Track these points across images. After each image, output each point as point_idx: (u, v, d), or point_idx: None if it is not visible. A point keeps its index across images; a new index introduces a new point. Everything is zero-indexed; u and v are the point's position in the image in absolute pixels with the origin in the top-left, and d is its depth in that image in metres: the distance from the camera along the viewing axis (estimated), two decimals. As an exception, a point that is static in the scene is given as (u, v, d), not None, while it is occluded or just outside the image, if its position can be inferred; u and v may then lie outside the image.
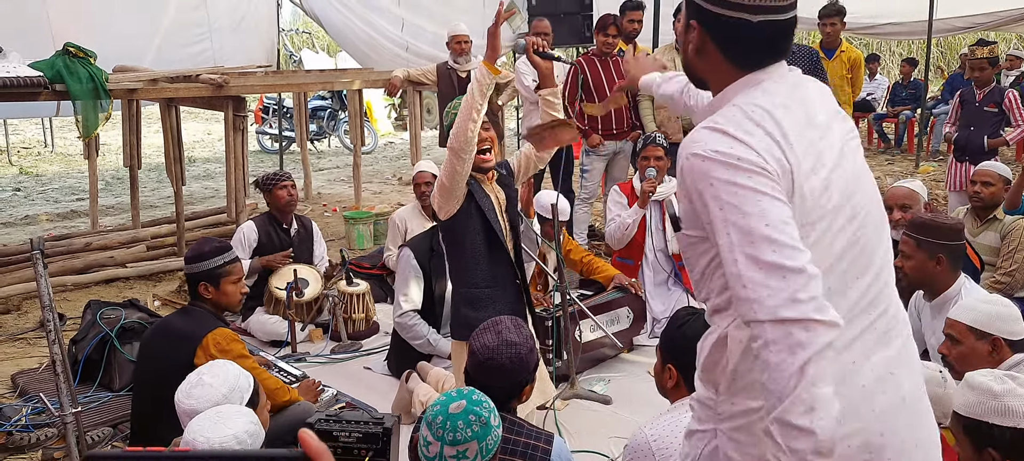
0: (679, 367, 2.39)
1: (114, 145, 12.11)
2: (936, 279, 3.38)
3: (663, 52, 6.32)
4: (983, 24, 12.55)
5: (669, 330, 2.47)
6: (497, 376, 2.47)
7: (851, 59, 6.70)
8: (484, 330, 2.55)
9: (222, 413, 2.28)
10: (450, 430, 2.04)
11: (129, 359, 4.13)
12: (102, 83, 5.35)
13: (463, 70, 6.94)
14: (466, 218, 3.23)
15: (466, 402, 2.08)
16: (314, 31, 16.47)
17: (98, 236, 6.83)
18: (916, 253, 3.38)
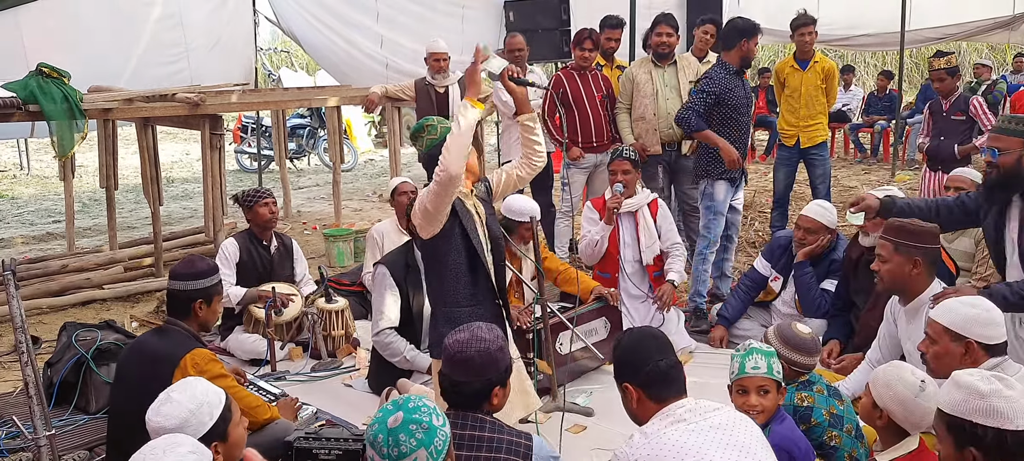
0: (633, 381, 2.39)
1: (90, 166, 12.02)
2: (912, 283, 3.41)
3: (639, 65, 6.37)
4: (954, 35, 12.77)
5: (613, 355, 2.50)
6: (466, 370, 2.45)
7: (825, 69, 6.75)
8: (459, 330, 2.58)
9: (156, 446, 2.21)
10: (393, 445, 2.00)
11: (105, 381, 4.08)
12: (76, 103, 5.30)
13: (441, 86, 6.97)
14: (449, 237, 3.22)
15: (403, 413, 2.04)
16: (292, 49, 16.44)
17: (74, 258, 6.75)
18: (893, 257, 3.41)
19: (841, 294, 4.56)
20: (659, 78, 6.20)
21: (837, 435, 2.97)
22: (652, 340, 2.42)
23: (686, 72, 6.27)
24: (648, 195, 5.15)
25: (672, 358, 2.40)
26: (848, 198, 8.50)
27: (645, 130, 6.23)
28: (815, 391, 3.06)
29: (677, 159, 6.37)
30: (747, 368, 2.80)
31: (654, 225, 5.05)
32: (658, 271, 5.07)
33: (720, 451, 2.19)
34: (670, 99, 6.19)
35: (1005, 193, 3.47)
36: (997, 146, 3.43)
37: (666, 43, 6.14)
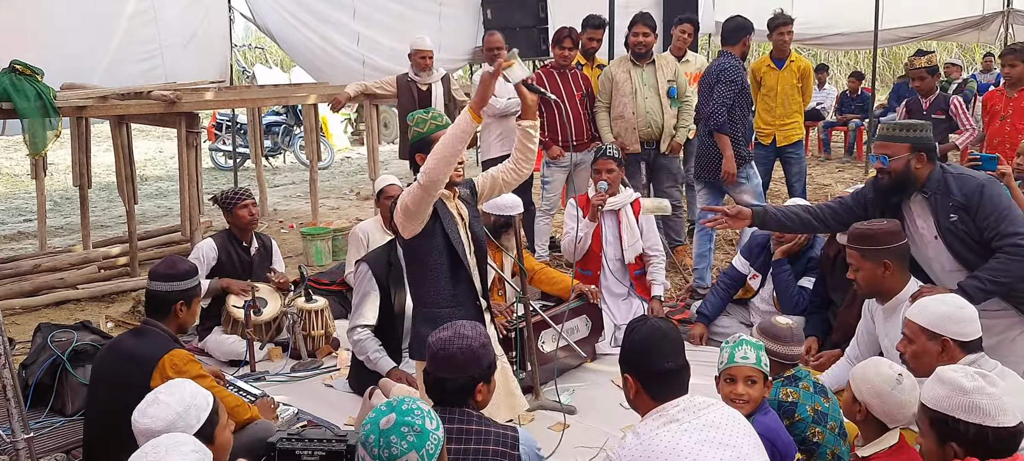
0: (635, 374, 2.41)
1: (62, 164, 11.84)
2: (887, 284, 3.45)
3: (618, 64, 6.39)
4: (926, 34, 12.97)
5: (623, 341, 2.51)
6: (449, 367, 2.47)
7: (801, 68, 6.85)
8: (442, 328, 2.60)
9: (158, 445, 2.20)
10: (385, 447, 2.00)
11: (82, 382, 4.02)
12: (50, 101, 5.22)
13: (424, 83, 6.90)
14: (429, 237, 3.21)
15: (396, 415, 2.04)
16: (267, 46, 16.30)
17: (47, 257, 6.65)
18: (862, 264, 3.45)
19: (818, 291, 4.61)
20: (638, 77, 6.23)
21: (820, 432, 3.00)
22: (666, 342, 2.40)
23: (664, 71, 6.31)
24: (631, 194, 5.18)
25: (681, 361, 2.40)
26: (822, 196, 8.60)
27: (624, 129, 6.26)
28: (801, 387, 3.09)
29: (656, 158, 6.41)
30: (736, 357, 2.84)
31: (636, 224, 5.08)
32: (639, 269, 5.10)
33: (712, 451, 2.21)
34: (649, 98, 6.22)
35: (899, 196, 3.62)
36: (885, 153, 3.58)
37: (643, 42, 6.18)
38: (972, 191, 3.46)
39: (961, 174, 3.57)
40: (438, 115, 3.31)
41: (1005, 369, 2.73)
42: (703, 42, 13.24)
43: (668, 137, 6.35)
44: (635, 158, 6.33)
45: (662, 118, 6.28)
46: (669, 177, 6.48)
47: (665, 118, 6.28)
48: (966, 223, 3.48)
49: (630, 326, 2.51)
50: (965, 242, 3.51)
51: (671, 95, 6.31)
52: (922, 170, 3.55)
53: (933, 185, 3.55)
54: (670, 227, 6.65)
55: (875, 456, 2.66)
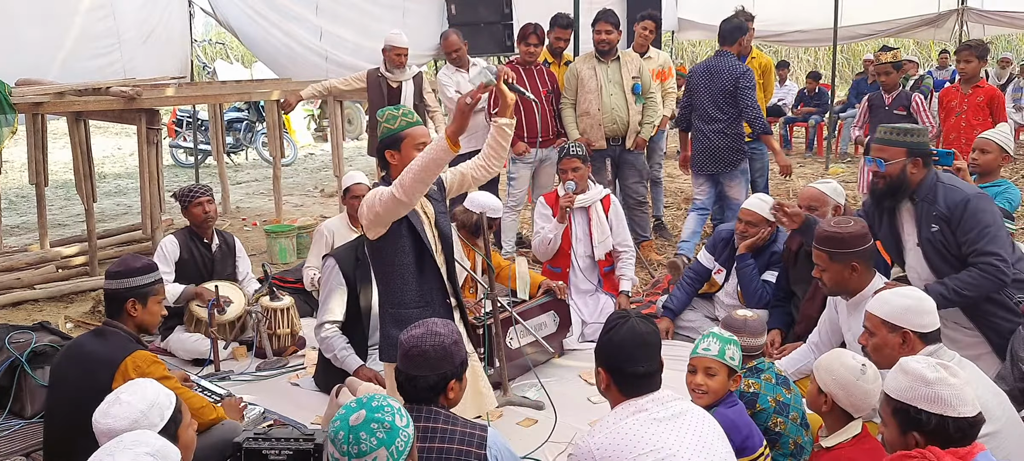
0: (608, 370, 2.44)
1: (17, 162, 11.57)
2: (853, 284, 3.50)
3: (583, 61, 6.41)
4: (884, 31, 13.20)
5: (601, 334, 2.53)
6: (421, 365, 2.46)
7: (762, 65, 6.97)
8: (414, 326, 2.58)
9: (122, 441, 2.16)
10: (354, 443, 1.98)
11: (41, 384, 3.94)
12: (5, 97, 5.10)
13: (395, 80, 6.77)
14: (396, 237, 3.19)
15: (366, 411, 2.03)
16: (228, 41, 16.08)
17: (3, 257, 6.50)
18: (830, 265, 3.49)
19: (781, 284, 4.67)
20: (603, 73, 6.26)
21: (782, 422, 3.05)
22: (644, 347, 2.41)
23: (629, 67, 6.35)
24: (601, 191, 5.20)
25: (655, 366, 2.42)
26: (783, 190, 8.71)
27: (590, 125, 6.29)
28: (762, 379, 3.14)
29: (622, 153, 6.45)
30: (699, 349, 2.92)
31: (606, 220, 5.10)
32: (609, 266, 5.12)
33: (676, 440, 2.25)
34: (614, 94, 6.26)
35: (893, 200, 3.66)
36: (882, 156, 3.60)
37: (606, 40, 6.22)
38: (956, 204, 3.46)
39: (951, 185, 3.56)
40: (409, 112, 3.29)
41: (964, 360, 2.79)
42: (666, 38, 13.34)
43: (633, 133, 6.39)
44: (601, 154, 6.36)
45: (627, 114, 6.32)
46: (635, 173, 6.52)
47: (630, 114, 6.32)
48: (946, 235, 3.50)
49: (610, 322, 2.51)
50: (942, 254, 3.53)
51: (635, 91, 6.35)
52: (917, 175, 3.56)
53: (923, 192, 3.56)
54: (636, 223, 6.69)
55: (839, 446, 2.72)
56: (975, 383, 2.54)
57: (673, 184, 10.05)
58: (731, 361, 2.89)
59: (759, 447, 2.82)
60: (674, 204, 8.79)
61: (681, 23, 12.72)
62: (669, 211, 8.31)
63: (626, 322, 2.46)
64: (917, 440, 2.13)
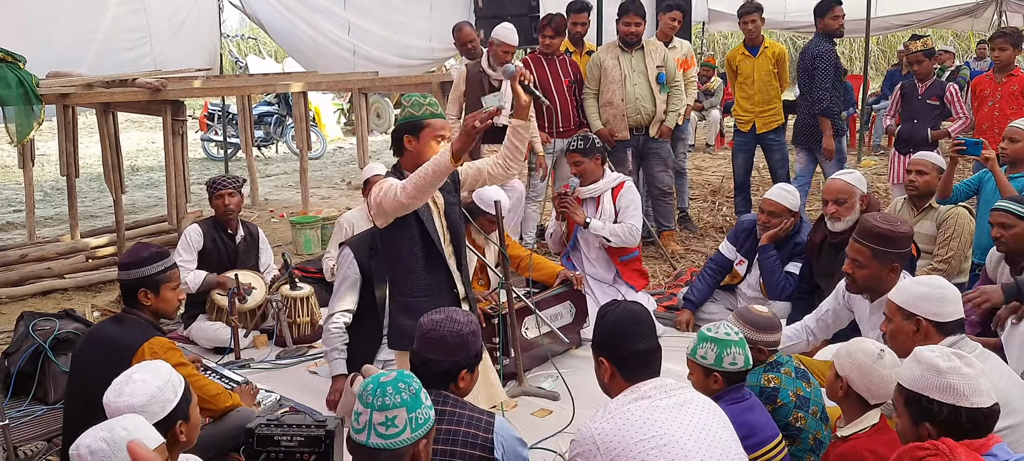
0: (608, 357, 2.42)
1: (53, 155, 11.77)
2: (887, 285, 3.36)
3: (606, 50, 6.36)
4: (919, 21, 12.95)
5: (596, 325, 2.51)
6: (437, 349, 2.49)
7: (775, 53, 6.90)
8: (434, 311, 2.61)
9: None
10: (379, 396, 2.02)
11: (63, 371, 4.00)
12: (32, 88, 5.19)
13: (497, 79, 6.14)
14: (404, 226, 3.21)
15: (397, 374, 2.08)
16: (260, 36, 16.24)
17: (35, 247, 6.62)
18: (871, 263, 3.34)
19: (805, 277, 4.60)
20: (627, 63, 6.21)
21: (802, 416, 2.99)
22: (637, 324, 2.42)
23: (653, 57, 6.30)
24: (615, 178, 5.12)
25: (653, 343, 2.42)
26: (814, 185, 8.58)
27: (613, 115, 6.24)
28: (782, 373, 3.07)
29: (645, 143, 6.39)
30: (697, 354, 2.81)
31: (613, 207, 5.01)
32: (624, 256, 5.05)
33: (681, 427, 2.22)
34: (638, 84, 6.21)
35: None
36: None
37: (634, 32, 6.18)
38: None
39: None
40: (434, 103, 3.29)
41: (986, 351, 2.72)
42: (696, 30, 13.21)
43: (657, 123, 6.34)
44: (623, 145, 6.31)
45: (652, 104, 6.26)
46: (660, 162, 6.47)
47: (655, 104, 6.27)
48: None
49: (602, 310, 2.53)
50: None
51: (660, 81, 6.29)
52: None
53: None
54: (659, 212, 6.63)
55: (855, 436, 2.65)
56: (996, 375, 2.47)
57: (700, 177, 9.96)
58: (731, 366, 2.79)
59: (771, 441, 2.75)
60: (701, 196, 8.70)
61: (711, 14, 12.59)
62: (695, 203, 8.24)
63: (617, 306, 2.50)
64: (929, 431, 2.07)
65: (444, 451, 2.39)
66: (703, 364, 2.80)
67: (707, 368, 2.79)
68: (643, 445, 2.18)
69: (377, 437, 2.01)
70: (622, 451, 2.20)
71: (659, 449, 2.18)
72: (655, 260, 6.33)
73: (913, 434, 2.11)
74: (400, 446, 2.02)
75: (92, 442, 2.12)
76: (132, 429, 2.16)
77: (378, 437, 2.01)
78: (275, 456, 3.07)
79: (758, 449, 2.66)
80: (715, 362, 2.78)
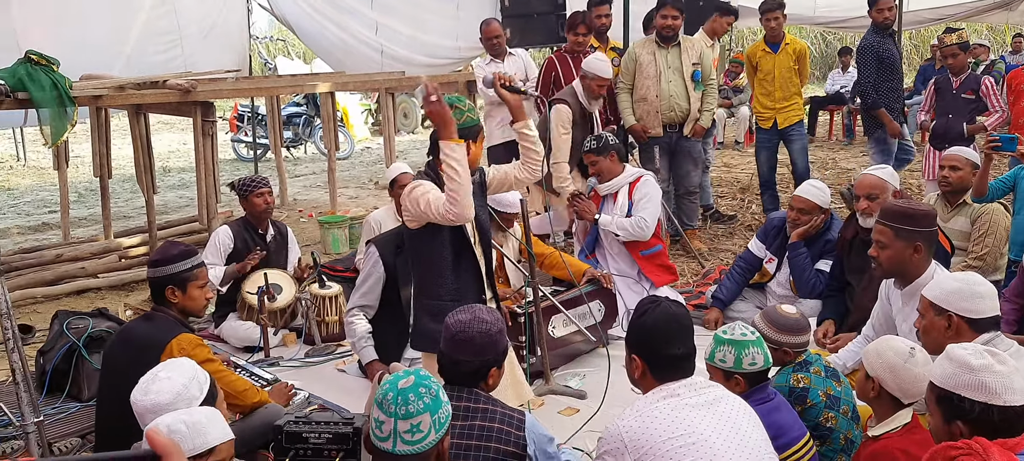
0: (642, 356, 2.39)
1: (87, 156, 11.96)
2: (912, 267, 3.35)
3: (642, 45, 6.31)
4: (953, 15, 12.72)
5: (632, 320, 2.48)
6: (467, 349, 2.51)
7: (797, 51, 6.88)
8: (460, 310, 2.63)
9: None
10: (402, 404, 2.03)
11: (96, 368, 4.06)
12: (65, 90, 5.27)
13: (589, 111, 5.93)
14: (436, 230, 3.21)
15: (415, 377, 2.08)
16: (289, 38, 16.38)
17: (69, 247, 6.73)
18: (894, 243, 3.33)
19: (836, 274, 4.54)
20: (662, 59, 6.17)
21: (833, 416, 2.95)
22: (676, 328, 2.37)
23: (689, 54, 6.24)
24: (632, 174, 5.09)
25: (690, 347, 2.38)
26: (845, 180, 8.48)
27: (646, 111, 6.20)
28: (812, 372, 3.03)
29: (678, 141, 6.34)
30: (715, 358, 2.80)
31: (628, 201, 4.99)
32: (645, 249, 5.01)
33: (710, 426, 2.20)
34: (673, 81, 6.16)
35: None
36: None
37: (671, 26, 6.13)
38: None
39: None
40: (471, 107, 3.29)
41: (1021, 349, 2.66)
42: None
43: (692, 121, 6.29)
44: (655, 142, 6.27)
45: (686, 102, 6.21)
46: (689, 161, 6.42)
47: (690, 102, 6.22)
48: None
49: (641, 307, 2.48)
50: None
51: (695, 79, 6.24)
52: None
53: None
54: (683, 211, 6.59)
55: (886, 435, 2.61)
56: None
57: (729, 174, 9.88)
58: (751, 367, 2.76)
59: (798, 441, 2.71)
60: (729, 194, 8.63)
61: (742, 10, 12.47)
62: (724, 200, 8.17)
63: (658, 305, 2.43)
64: (961, 429, 2.03)
65: (478, 447, 2.43)
66: (723, 368, 2.77)
67: (727, 371, 2.76)
68: (671, 443, 2.16)
69: (404, 444, 2.03)
70: (650, 449, 2.18)
71: (687, 448, 2.16)
72: (684, 258, 6.29)
73: (945, 433, 2.08)
74: (426, 448, 2.02)
75: (173, 422, 2.18)
76: (208, 420, 2.22)
77: (404, 444, 2.03)
78: (303, 453, 3.10)
79: (786, 449, 2.63)
80: (735, 364, 2.75)
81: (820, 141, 12.43)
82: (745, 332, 2.79)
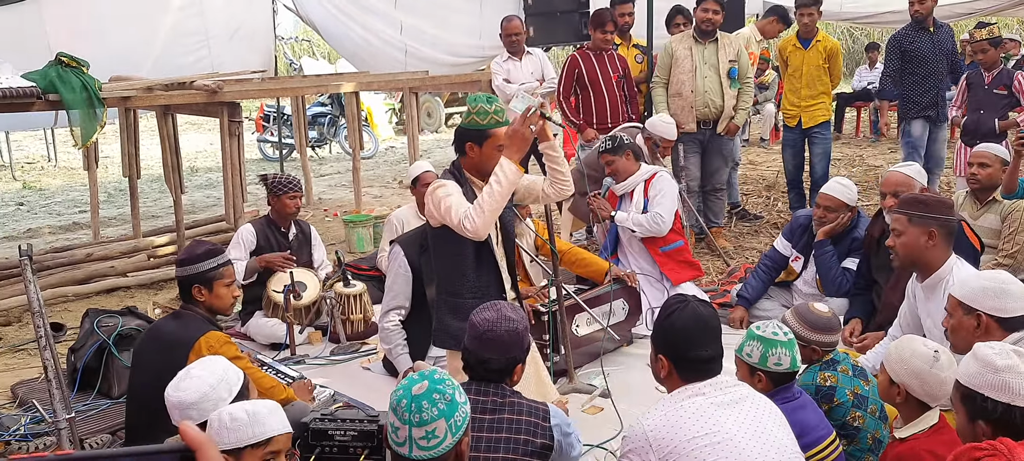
0: (669, 356, 2.38)
1: (116, 157, 12.13)
2: (928, 256, 3.34)
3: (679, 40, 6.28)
4: (984, 9, 12.49)
5: (658, 319, 2.47)
6: (494, 348, 2.53)
7: (828, 49, 6.76)
8: (484, 308, 2.64)
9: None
10: (416, 411, 2.02)
11: (126, 366, 4.12)
12: (95, 91, 5.35)
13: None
14: None
15: (429, 382, 2.06)
16: (314, 39, 16.49)
17: (99, 247, 6.83)
18: (908, 229, 3.34)
19: (863, 272, 4.50)
20: (699, 55, 6.14)
21: (860, 416, 2.92)
22: (704, 329, 2.36)
23: (727, 51, 6.20)
24: (647, 171, 5.07)
25: (717, 349, 2.37)
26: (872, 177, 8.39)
27: (681, 107, 6.18)
28: (839, 371, 3.00)
29: (710, 138, 6.31)
30: (743, 351, 2.78)
31: (644, 199, 4.98)
32: (664, 246, 4.98)
33: (735, 425, 2.19)
34: (708, 77, 6.13)
35: None
36: None
37: (711, 20, 6.10)
38: None
39: None
40: (500, 110, 3.30)
41: (1053, 349, 2.62)
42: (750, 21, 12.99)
43: (726, 119, 6.24)
44: (687, 137, 6.23)
45: (721, 98, 6.17)
46: (719, 158, 6.39)
47: (724, 99, 6.17)
48: None
49: (669, 306, 2.46)
50: None
51: (731, 76, 6.19)
52: None
53: None
54: (709, 209, 6.55)
55: (914, 437, 2.58)
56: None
57: (754, 172, 9.81)
58: (777, 367, 2.74)
59: (823, 440, 2.69)
60: (755, 191, 8.57)
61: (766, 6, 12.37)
62: (749, 198, 8.11)
63: (686, 305, 2.40)
64: (983, 430, 2.01)
65: (508, 439, 2.45)
66: (748, 362, 2.77)
67: (752, 367, 2.76)
68: (696, 442, 2.15)
69: (420, 450, 2.03)
70: (674, 448, 2.17)
71: (712, 447, 2.15)
72: (708, 256, 6.26)
73: (969, 431, 2.06)
74: (443, 452, 2.03)
75: (235, 410, 2.22)
76: (268, 412, 2.27)
77: (421, 450, 2.02)
78: (329, 450, 3.13)
79: (810, 448, 2.61)
80: (760, 361, 2.74)
81: (847, 138, 12.31)
82: (776, 331, 2.77)
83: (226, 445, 2.16)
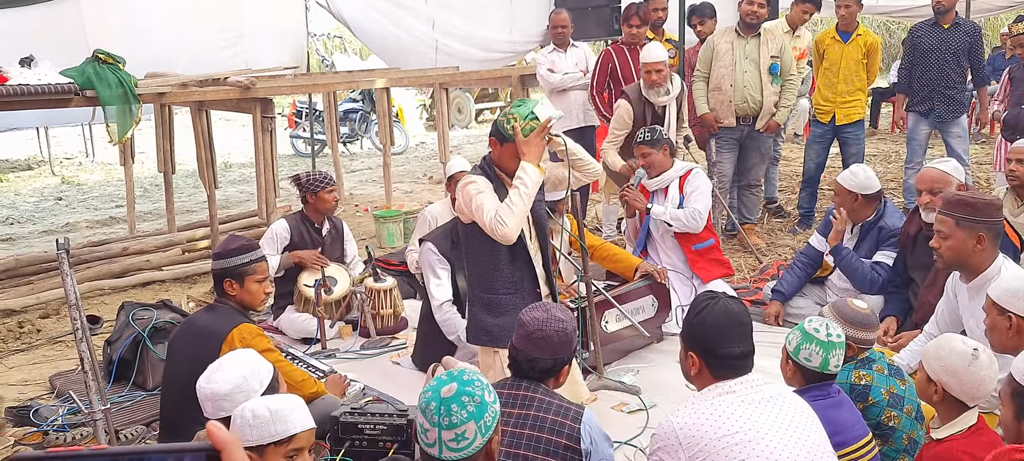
0: (700, 353, 2.35)
1: (152, 152, 12.30)
2: (975, 259, 3.26)
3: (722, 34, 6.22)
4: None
5: (689, 317, 2.44)
6: (544, 348, 2.53)
7: (868, 44, 6.48)
8: (534, 308, 2.65)
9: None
10: (445, 415, 2.00)
11: (161, 358, 4.18)
12: (131, 88, 5.43)
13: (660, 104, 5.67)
14: None
15: (457, 384, 2.04)
16: (346, 35, 16.58)
17: (135, 241, 6.94)
18: (955, 233, 3.26)
19: (899, 270, 4.42)
20: (739, 49, 6.05)
21: (896, 416, 2.87)
22: (736, 326, 2.32)
23: (769, 45, 6.09)
24: (682, 168, 5.02)
25: (749, 346, 2.33)
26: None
27: (720, 102, 6.11)
28: (874, 370, 2.95)
29: (749, 134, 6.22)
30: (800, 356, 2.72)
31: (679, 195, 4.93)
32: (696, 243, 4.94)
33: (765, 423, 2.16)
34: (748, 72, 6.03)
35: None
36: None
37: (756, 13, 5.99)
38: None
39: None
40: (533, 115, 3.25)
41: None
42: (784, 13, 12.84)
43: (767, 115, 6.13)
44: (726, 133, 6.16)
45: (761, 94, 6.06)
46: (756, 155, 6.30)
47: (764, 95, 6.06)
48: None
49: (699, 302, 2.42)
50: None
51: (773, 71, 6.05)
52: None
53: None
54: (744, 205, 6.48)
55: (951, 438, 2.53)
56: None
57: (788, 167, 9.68)
58: (807, 362, 2.70)
59: (858, 440, 2.64)
60: (788, 187, 8.47)
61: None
62: (783, 195, 8.01)
63: (717, 302, 2.37)
64: (1029, 428, 1.96)
65: (532, 436, 2.44)
66: (786, 348, 2.75)
67: (788, 354, 2.75)
68: (726, 441, 2.12)
69: (450, 451, 2.01)
70: (704, 446, 2.15)
71: (743, 444, 2.13)
72: (739, 254, 6.19)
73: (1015, 430, 2.01)
74: (474, 452, 2.02)
75: (258, 407, 2.23)
76: (291, 409, 2.26)
77: (451, 451, 2.01)
78: (359, 443, 3.17)
79: (843, 448, 2.56)
80: (793, 351, 2.72)
81: (883, 133, 12.11)
82: (818, 328, 2.73)
83: (249, 442, 2.17)
